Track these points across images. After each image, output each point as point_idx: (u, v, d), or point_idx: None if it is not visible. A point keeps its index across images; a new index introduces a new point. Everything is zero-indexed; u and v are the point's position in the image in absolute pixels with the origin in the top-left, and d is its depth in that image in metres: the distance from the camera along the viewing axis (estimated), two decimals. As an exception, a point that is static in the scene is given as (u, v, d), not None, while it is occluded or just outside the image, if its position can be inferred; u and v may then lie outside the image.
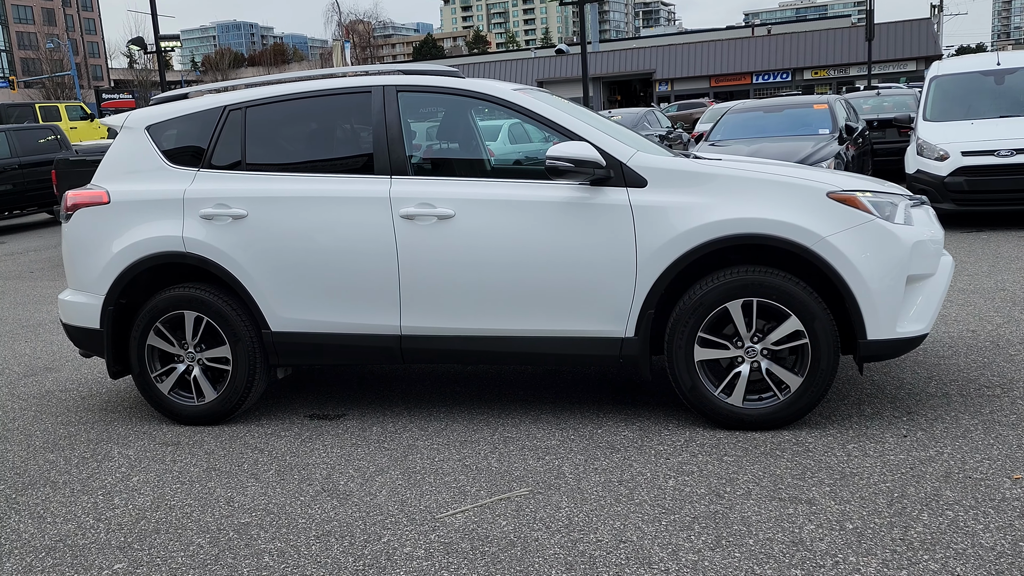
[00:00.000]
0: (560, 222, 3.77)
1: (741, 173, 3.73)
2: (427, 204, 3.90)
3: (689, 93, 50.69)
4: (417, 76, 4.14)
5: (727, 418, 3.73)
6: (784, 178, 3.69)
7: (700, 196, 3.68)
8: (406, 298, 3.95)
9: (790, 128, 10.15)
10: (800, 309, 3.58)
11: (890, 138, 13.15)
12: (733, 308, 3.65)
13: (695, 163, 3.81)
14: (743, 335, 3.68)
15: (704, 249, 3.63)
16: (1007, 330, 5.00)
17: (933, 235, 3.75)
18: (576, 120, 3.90)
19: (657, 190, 3.72)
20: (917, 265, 3.63)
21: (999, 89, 9.44)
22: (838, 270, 3.53)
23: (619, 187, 3.76)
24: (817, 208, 3.59)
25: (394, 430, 4.06)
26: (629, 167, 3.77)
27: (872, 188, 3.77)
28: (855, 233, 3.55)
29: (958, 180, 8.50)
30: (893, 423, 3.69)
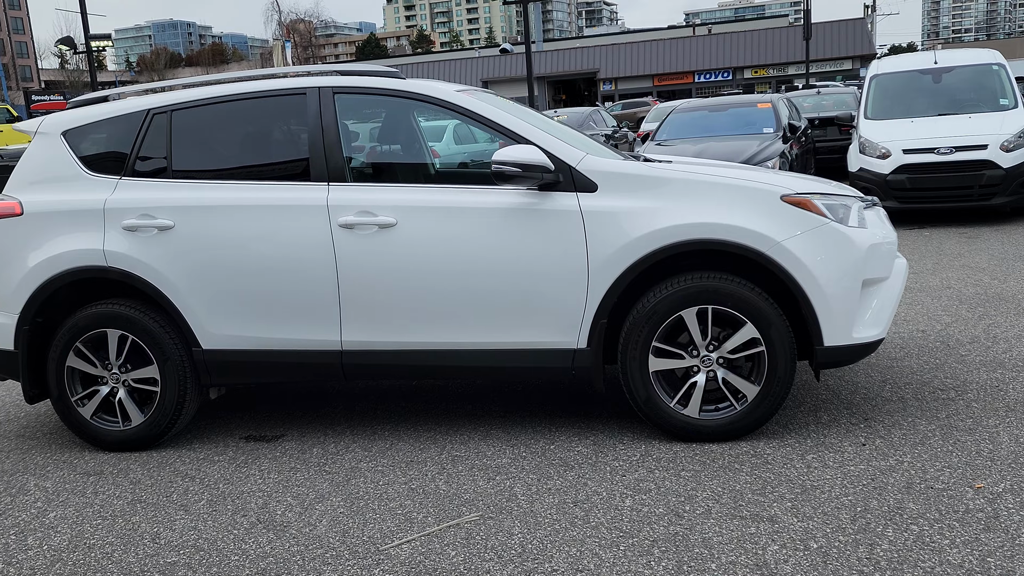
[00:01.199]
0: (507, 229, 3.60)
1: (694, 176, 3.60)
2: (367, 212, 3.69)
3: (633, 92, 51.10)
4: (354, 77, 3.92)
5: (683, 430, 3.60)
6: (737, 181, 3.58)
7: (652, 200, 3.54)
8: (347, 312, 3.74)
9: (735, 127, 10.17)
10: (756, 316, 3.47)
11: (832, 136, 13.32)
12: (688, 316, 3.53)
13: (647, 166, 3.68)
14: (698, 344, 3.56)
15: (658, 256, 3.49)
16: (956, 329, 5.00)
17: (886, 237, 3.68)
18: (522, 122, 3.74)
19: (608, 195, 3.58)
20: (872, 269, 3.55)
21: (937, 87, 9.59)
22: (794, 275, 3.43)
23: (568, 192, 3.60)
24: (771, 212, 3.49)
25: (336, 451, 3.84)
26: (578, 171, 3.61)
27: (825, 190, 3.69)
28: (810, 237, 3.46)
29: (900, 178, 8.59)
30: (851, 431, 3.61)
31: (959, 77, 9.57)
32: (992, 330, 4.92)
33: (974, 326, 5.04)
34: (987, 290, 5.90)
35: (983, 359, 4.42)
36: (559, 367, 3.67)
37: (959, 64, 9.67)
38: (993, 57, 9.68)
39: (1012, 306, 5.41)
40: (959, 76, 9.58)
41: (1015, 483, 3.01)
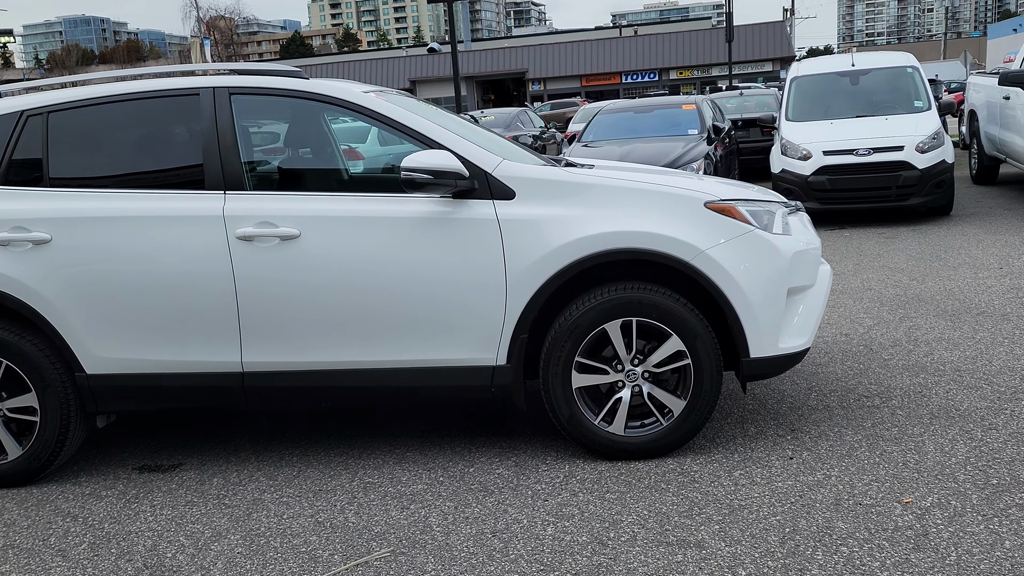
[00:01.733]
0: (420, 240, 3.38)
1: (616, 182, 3.45)
2: (268, 223, 3.42)
3: (561, 92, 51.33)
4: (252, 77, 3.63)
5: (608, 448, 3.44)
6: (661, 188, 3.44)
7: (573, 208, 3.37)
8: (247, 331, 3.45)
9: (660, 129, 10.15)
10: (681, 328, 3.33)
11: (754, 137, 13.49)
12: (612, 329, 3.37)
13: (567, 172, 3.50)
14: (623, 358, 3.40)
15: (579, 266, 3.32)
16: (878, 332, 4.99)
17: (810, 244, 3.60)
18: (434, 126, 3.52)
19: (527, 202, 3.39)
20: (797, 277, 3.46)
21: (854, 89, 9.74)
22: (718, 285, 3.30)
23: (485, 199, 3.40)
24: (695, 219, 3.36)
25: (238, 481, 3.55)
26: (495, 177, 3.41)
27: (749, 196, 3.58)
28: (734, 245, 3.34)
29: (821, 179, 8.67)
30: (778, 443, 3.51)
31: (875, 79, 9.75)
32: (913, 333, 4.93)
33: (895, 328, 5.04)
34: (906, 291, 5.95)
35: (905, 363, 4.40)
36: (477, 385, 3.46)
37: (875, 67, 9.85)
38: (907, 60, 9.89)
39: (931, 307, 5.44)
40: (875, 78, 9.75)
41: (942, 496, 2.94)
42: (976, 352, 4.48)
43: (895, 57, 10.05)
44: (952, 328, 4.95)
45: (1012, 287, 5.77)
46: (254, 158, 3.75)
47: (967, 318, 5.14)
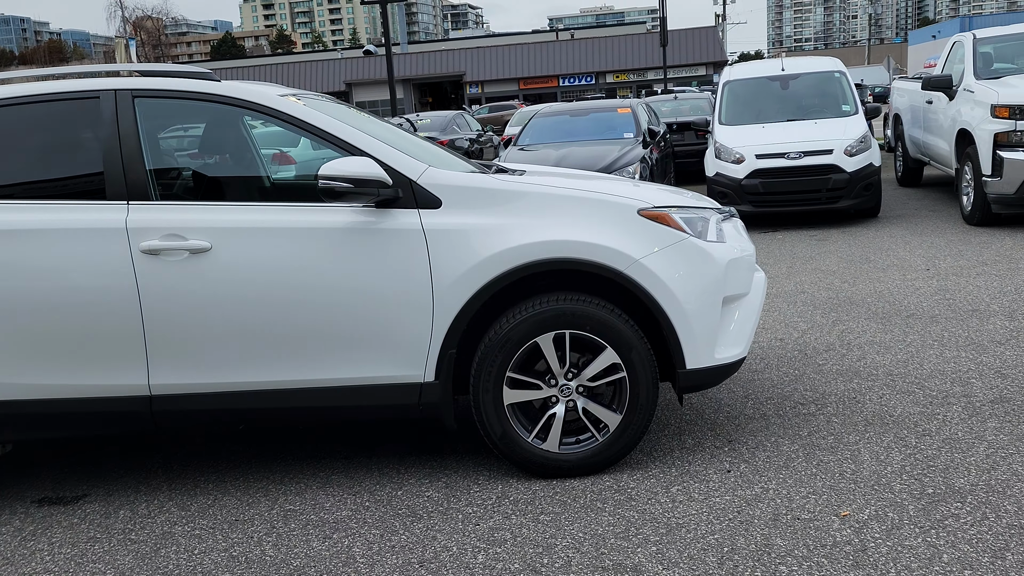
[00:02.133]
0: (341, 252, 3.19)
1: (547, 190, 3.32)
2: (176, 235, 3.19)
3: (499, 95, 51.34)
4: (157, 78, 3.39)
5: (543, 466, 3.31)
6: (593, 195, 3.32)
7: (503, 216, 3.23)
8: (155, 351, 3.22)
9: (596, 132, 10.12)
10: (616, 340, 3.22)
11: (689, 140, 13.60)
12: (544, 343, 3.24)
13: (496, 179, 3.36)
14: (556, 372, 3.28)
15: (510, 277, 3.18)
16: (812, 336, 4.98)
17: (745, 251, 3.53)
18: (356, 131, 3.33)
19: (453, 211, 3.24)
20: (732, 285, 3.38)
21: (785, 94, 9.87)
22: (653, 295, 3.20)
23: (409, 209, 3.24)
24: (629, 227, 3.25)
25: (147, 512, 3.30)
26: (420, 185, 3.25)
27: (682, 203, 3.49)
28: (669, 253, 3.25)
29: (754, 182, 8.74)
30: (715, 455, 3.43)
31: (804, 84, 9.89)
32: (846, 336, 4.94)
33: (828, 332, 5.04)
34: (839, 294, 5.98)
35: (839, 368, 4.39)
36: (404, 404, 3.29)
37: (804, 71, 10.00)
38: (835, 65, 10.06)
39: (863, 310, 5.48)
40: (804, 83, 9.90)
41: (879, 508, 2.89)
42: (907, 355, 4.50)
43: (823, 62, 10.22)
44: (883, 331, 4.97)
45: (939, 288, 5.86)
46: (162, 165, 3.51)
47: (897, 320, 5.18)
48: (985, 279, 6.02)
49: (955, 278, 6.13)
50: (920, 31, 28.87)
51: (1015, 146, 7.40)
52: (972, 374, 4.13)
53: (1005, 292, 5.61)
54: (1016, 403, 3.71)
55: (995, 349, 4.48)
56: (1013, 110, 7.38)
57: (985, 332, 4.79)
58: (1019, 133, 7.36)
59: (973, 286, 5.85)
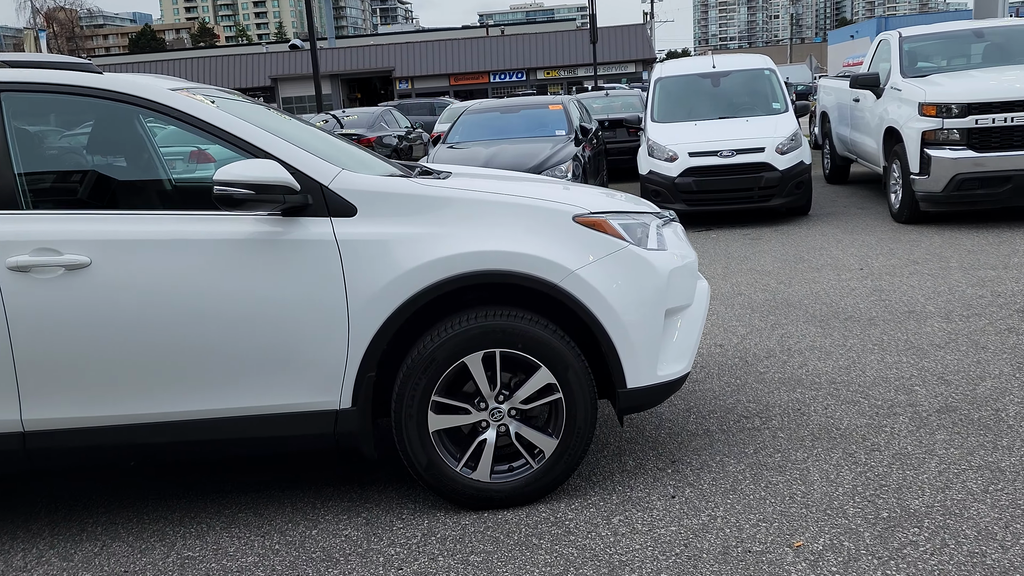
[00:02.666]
0: (243, 267, 2.84)
1: (474, 195, 3.03)
2: (49, 249, 2.79)
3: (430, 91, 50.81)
4: (26, 70, 2.97)
5: (474, 498, 3.02)
6: (525, 200, 3.04)
7: (425, 225, 2.93)
8: (26, 382, 2.81)
9: (528, 129, 9.87)
10: (551, 358, 2.95)
11: (621, 138, 13.49)
12: (472, 363, 2.95)
13: (417, 184, 3.05)
14: (486, 395, 2.99)
15: (434, 292, 2.88)
16: (752, 342, 4.82)
17: (687, 259, 3.31)
18: (258, 129, 2.98)
19: (370, 219, 2.92)
20: (675, 296, 3.15)
21: (716, 91, 9.80)
22: (591, 309, 2.94)
23: (321, 217, 2.91)
24: (564, 236, 2.99)
25: (23, 565, 2.89)
26: (332, 191, 2.92)
27: (620, 208, 3.25)
28: (607, 264, 2.99)
29: (687, 181, 8.62)
30: (659, 478, 3.20)
31: (735, 81, 9.83)
32: (786, 341, 4.80)
33: (768, 337, 4.90)
34: (775, 295, 5.87)
35: (781, 376, 4.23)
36: (318, 433, 2.96)
37: (735, 69, 9.94)
38: (765, 63, 10.04)
39: (800, 312, 5.36)
40: (735, 80, 9.84)
41: (834, 536, 2.70)
42: (849, 361, 4.37)
43: (753, 60, 10.19)
44: (823, 335, 4.85)
45: (874, 289, 5.79)
46: (36, 169, 3.08)
47: (836, 324, 5.07)
48: (918, 279, 5.98)
49: (889, 278, 6.08)
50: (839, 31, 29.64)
51: (942, 144, 7.44)
52: (915, 381, 4.01)
53: (939, 292, 5.57)
54: (962, 412, 3.59)
55: (935, 353, 4.39)
56: (940, 108, 7.41)
57: (923, 335, 4.71)
58: (946, 132, 7.40)
59: (907, 286, 5.81)
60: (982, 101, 7.24)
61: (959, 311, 5.11)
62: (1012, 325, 4.75)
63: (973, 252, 6.67)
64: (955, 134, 7.36)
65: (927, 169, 7.50)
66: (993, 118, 7.21)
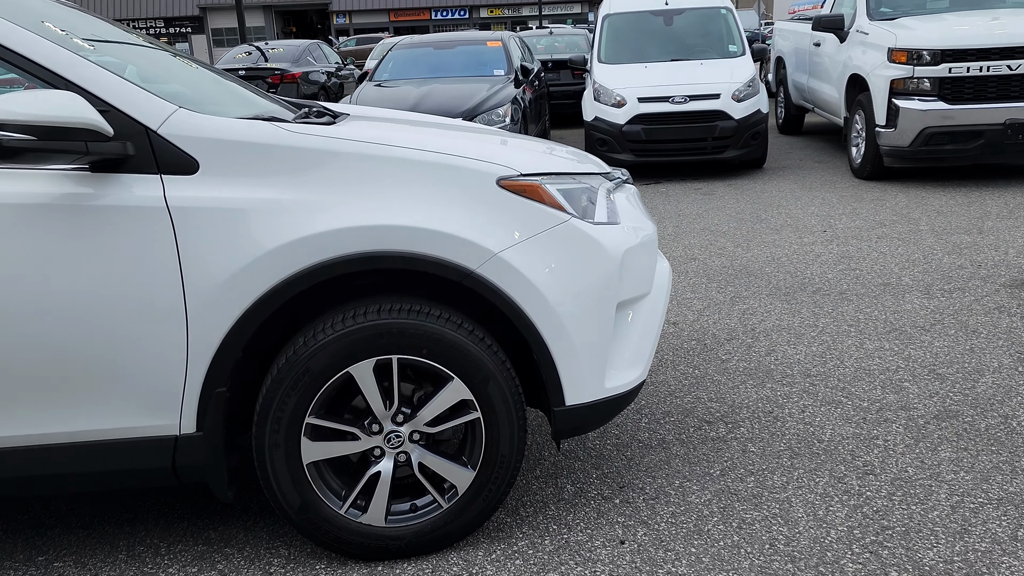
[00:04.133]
0: (34, 244, 2.02)
1: (366, 149, 2.24)
2: None
3: (369, 27, 48.79)
4: None
5: (364, 547, 2.31)
6: (434, 157, 2.26)
7: (298, 189, 2.14)
8: None
9: (463, 68, 8.98)
10: (466, 367, 2.23)
11: (565, 80, 12.65)
12: (361, 374, 2.20)
13: (287, 131, 2.23)
14: (379, 414, 2.26)
15: (307, 280, 2.11)
16: (710, 320, 4.18)
17: (644, 234, 2.59)
18: (57, 47, 2.11)
19: (219, 178, 2.11)
20: (630, 284, 2.44)
21: (668, 31, 9.02)
22: (519, 304, 2.21)
23: (147, 174, 2.09)
24: (484, 206, 2.23)
25: None
26: (163, 137, 2.10)
27: (560, 168, 2.50)
28: (540, 243, 2.25)
29: (635, 129, 7.89)
30: (604, 512, 2.54)
31: (689, 20, 9.07)
32: (748, 319, 4.17)
33: (728, 314, 4.26)
34: (733, 261, 5.23)
35: (747, 366, 3.59)
36: (150, 468, 2.19)
37: (689, 6, 9.16)
38: (721, 1, 9.28)
39: (762, 283, 4.73)
40: (689, 19, 9.07)
41: (830, 606, 2.08)
42: (823, 347, 3.75)
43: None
44: (790, 312, 4.23)
45: (841, 255, 5.20)
46: None
47: (803, 297, 4.46)
48: (888, 244, 5.41)
49: (856, 242, 5.50)
50: None
51: (912, 94, 6.84)
52: (904, 374, 3.42)
53: (914, 261, 5.01)
54: (965, 419, 3.01)
55: (921, 337, 3.81)
56: (911, 54, 6.79)
57: (904, 314, 4.12)
58: (916, 80, 6.80)
59: (877, 252, 5.23)
60: (957, 47, 6.64)
61: (939, 285, 4.54)
62: (1001, 303, 4.21)
63: (943, 214, 6.13)
64: (926, 83, 6.77)
65: (894, 121, 6.91)
66: (968, 67, 6.62)
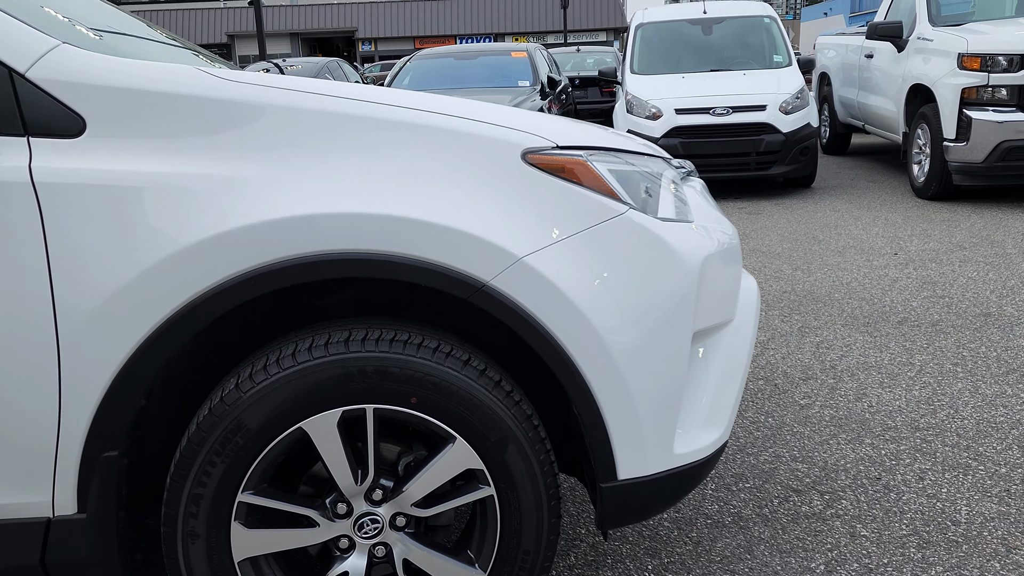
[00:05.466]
0: None
1: (337, 106, 1.55)
2: None
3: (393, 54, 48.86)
4: None
5: None
6: (433, 119, 1.57)
7: (231, 160, 1.46)
8: None
9: (486, 79, 8.37)
10: (474, 423, 1.52)
11: (593, 98, 12.06)
12: (320, 431, 1.49)
13: (223, 79, 1.55)
14: (346, 489, 1.55)
15: (242, 293, 1.42)
16: (779, 353, 3.44)
17: (726, 239, 1.87)
18: None
19: (113, 144, 1.44)
20: (710, 307, 1.72)
21: (707, 40, 8.36)
22: (553, 333, 1.50)
23: (6, 135, 1.42)
24: (503, 188, 1.53)
25: None
26: (33, 83, 1.42)
27: (609, 143, 1.79)
28: (586, 244, 1.54)
29: (673, 142, 7.20)
30: (667, 627, 1.80)
31: (730, 29, 8.41)
32: (825, 354, 3.42)
33: (799, 347, 3.52)
34: (794, 285, 4.50)
35: (834, 414, 2.85)
36: (7, 566, 1.49)
37: (730, 15, 8.51)
38: (764, 9, 8.62)
39: (834, 311, 3.99)
40: (730, 28, 8.41)
41: None
42: (927, 392, 3.00)
43: (750, 6, 8.75)
44: (875, 347, 3.48)
45: (923, 281, 4.44)
46: None
47: (886, 328, 3.71)
48: (975, 268, 4.65)
49: (936, 267, 4.74)
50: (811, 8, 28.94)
51: (986, 104, 6.10)
52: (1042, 430, 2.66)
53: (1011, 288, 4.24)
54: None
55: (1049, 381, 3.05)
56: (986, 60, 6.06)
57: (1019, 350, 3.36)
58: (992, 89, 6.06)
59: (965, 278, 4.47)
60: (1040, 50, 5.90)
61: (1052, 316, 3.78)
62: None
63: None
64: (1003, 92, 6.02)
65: (965, 134, 6.16)
66: (1053, 72, 5.88)
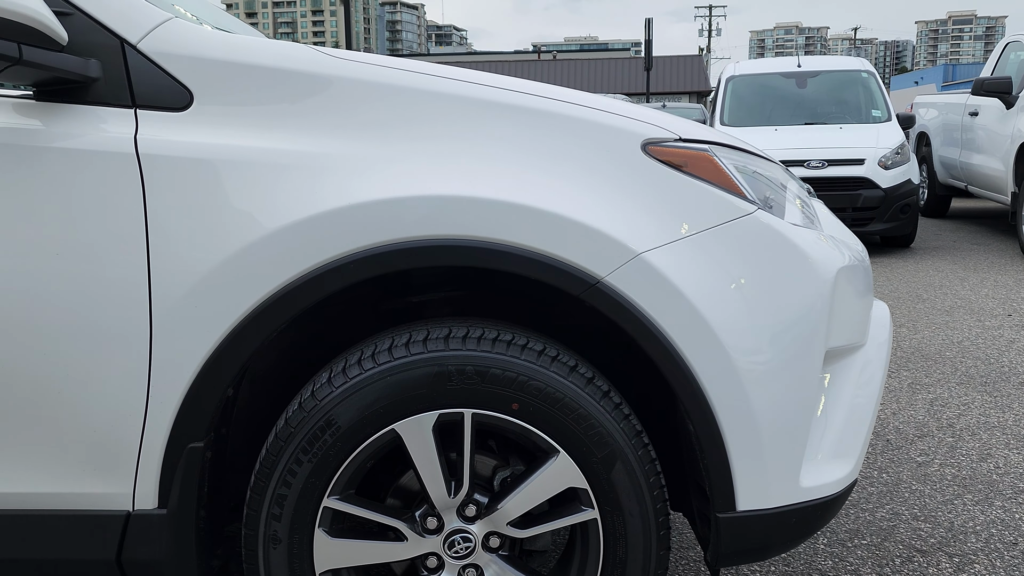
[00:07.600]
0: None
1: (451, 87, 1.47)
2: None
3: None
4: None
5: None
6: (550, 105, 1.48)
7: (342, 138, 1.39)
8: None
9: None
10: (580, 436, 1.37)
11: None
12: (413, 434, 1.38)
13: (337, 57, 1.49)
14: (439, 502, 1.42)
15: (339, 278, 1.33)
16: (890, 410, 3.18)
17: (857, 252, 1.71)
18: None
19: (220, 118, 1.39)
20: (843, 326, 1.55)
21: (801, 94, 8.19)
22: (672, 340, 1.36)
23: (114, 107, 1.38)
24: (621, 179, 1.41)
25: None
26: (144, 55, 1.40)
27: (731, 142, 1.66)
28: (710, 244, 1.41)
29: (764, 195, 6.99)
30: None
31: (826, 83, 8.22)
32: (940, 412, 3.15)
33: (912, 404, 3.25)
34: (900, 342, 4.21)
35: (957, 474, 2.58)
36: (79, 561, 1.41)
37: (826, 69, 8.34)
38: (862, 64, 8.42)
39: (947, 369, 3.70)
40: (826, 82, 8.23)
41: None
42: (1063, 455, 2.70)
43: (848, 61, 8.57)
44: (997, 407, 3.19)
45: (1044, 343, 4.11)
46: None
47: (1007, 389, 3.40)
48: (1103, 332, 4.28)
49: (1058, 328, 4.39)
50: (902, 76, 28.64)
51: (1108, 161, 5.73)
52: None
53: None
54: None
55: None
56: (1109, 115, 5.71)
57: None
58: (1115, 145, 5.69)
59: (1093, 341, 4.11)
60: None
61: None
62: None
63: None
64: None
65: (1085, 193, 5.79)
66: None
